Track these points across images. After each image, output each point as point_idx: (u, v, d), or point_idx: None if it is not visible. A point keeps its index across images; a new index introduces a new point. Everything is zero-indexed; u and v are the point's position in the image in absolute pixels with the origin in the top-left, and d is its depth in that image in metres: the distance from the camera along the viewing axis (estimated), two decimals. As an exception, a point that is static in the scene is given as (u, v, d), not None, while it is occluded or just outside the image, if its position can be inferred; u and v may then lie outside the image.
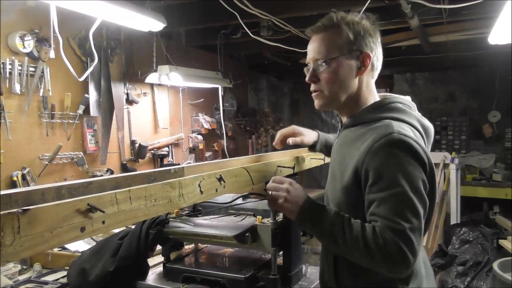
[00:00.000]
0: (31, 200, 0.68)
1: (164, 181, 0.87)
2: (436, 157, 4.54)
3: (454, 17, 2.98)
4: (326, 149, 1.65)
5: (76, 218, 0.63)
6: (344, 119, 1.30)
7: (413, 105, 1.28)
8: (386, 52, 1.28)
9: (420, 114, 1.27)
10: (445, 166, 4.62)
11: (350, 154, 1.16)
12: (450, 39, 3.58)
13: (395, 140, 1.08)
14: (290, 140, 1.63)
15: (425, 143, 1.18)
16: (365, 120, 1.20)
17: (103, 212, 0.67)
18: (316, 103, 1.28)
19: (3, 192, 0.65)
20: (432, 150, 1.48)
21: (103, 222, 0.68)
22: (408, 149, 1.07)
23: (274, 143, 1.69)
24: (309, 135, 1.65)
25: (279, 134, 1.65)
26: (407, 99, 1.29)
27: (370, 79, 1.25)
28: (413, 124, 1.17)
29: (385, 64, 1.29)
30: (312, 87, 1.26)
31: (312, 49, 1.24)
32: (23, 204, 0.65)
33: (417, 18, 2.90)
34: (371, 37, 1.22)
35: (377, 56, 1.24)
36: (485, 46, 3.28)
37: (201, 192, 0.97)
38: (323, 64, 1.20)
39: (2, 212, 0.54)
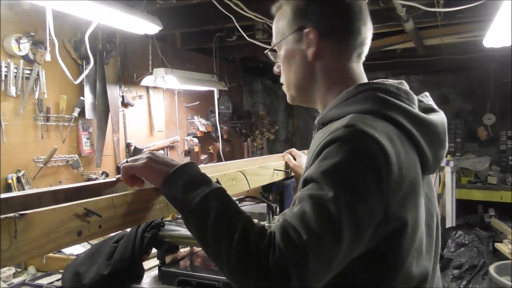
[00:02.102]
0: (28, 204, 0.68)
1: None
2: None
3: (449, 20, 3.01)
4: None
5: (73, 222, 0.63)
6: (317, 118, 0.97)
7: (405, 92, 0.87)
8: (381, 55, 1.24)
9: (428, 102, 0.95)
10: (440, 169, 4.64)
11: (309, 158, 0.85)
12: (444, 42, 3.61)
13: (346, 134, 0.74)
14: (284, 155, 1.63)
15: (418, 147, 0.82)
16: (332, 118, 0.86)
17: (100, 216, 0.67)
18: (287, 98, 1.03)
19: (4, 195, 0.65)
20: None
21: (100, 227, 0.68)
22: (362, 147, 0.72)
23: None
24: (302, 160, 1.52)
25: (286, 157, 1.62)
26: (397, 84, 0.88)
27: (335, 63, 0.91)
28: (395, 118, 0.80)
29: (379, 67, 1.21)
30: (280, 79, 1.02)
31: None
32: (20, 208, 0.65)
33: (412, 21, 2.93)
34: (316, 5, 0.90)
35: (343, 30, 0.90)
36: (480, 49, 3.31)
37: (198, 195, 0.97)
38: (271, 52, 0.99)
39: (-2, 217, 0.54)
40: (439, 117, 0.91)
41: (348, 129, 0.74)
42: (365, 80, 0.93)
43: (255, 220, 1.52)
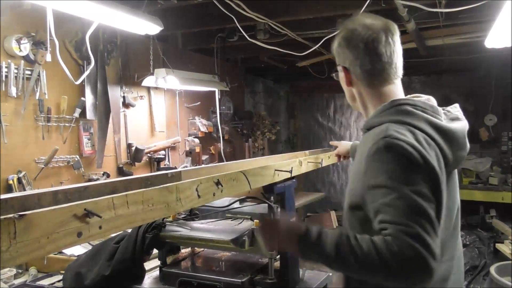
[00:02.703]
0: (27, 205, 0.67)
1: (162, 186, 0.86)
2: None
3: (451, 21, 3.00)
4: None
5: (72, 223, 0.63)
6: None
7: (431, 106, 1.16)
8: None
9: (444, 116, 1.18)
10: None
11: (358, 161, 1.16)
12: (446, 43, 3.60)
13: (386, 145, 1.03)
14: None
15: (440, 147, 1.08)
16: (372, 125, 1.17)
17: (100, 217, 0.66)
18: None
19: (4, 196, 0.64)
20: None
21: (100, 227, 0.67)
22: (400, 152, 1.01)
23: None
24: (342, 144, 2.08)
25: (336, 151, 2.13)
26: (424, 100, 1.18)
27: (365, 88, 1.21)
28: (419, 127, 1.09)
29: None
30: None
31: None
32: (19, 209, 0.65)
33: (413, 22, 2.92)
34: (354, 47, 1.18)
35: (365, 64, 1.18)
36: (481, 49, 3.29)
37: (199, 196, 0.97)
38: (338, 71, 1.29)
39: (-3, 218, 0.54)
40: (461, 125, 1.20)
41: (386, 139, 1.04)
42: (401, 96, 1.22)
43: (256, 221, 1.51)
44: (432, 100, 1.20)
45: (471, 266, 3.71)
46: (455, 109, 1.25)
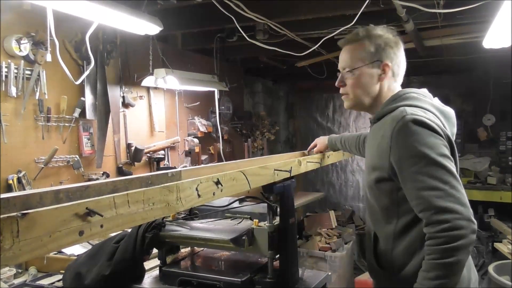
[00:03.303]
0: (29, 204, 0.68)
1: (162, 185, 0.87)
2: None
3: (449, 21, 3.01)
4: (342, 148, 2.10)
5: (74, 222, 0.64)
6: (372, 116, 1.51)
7: (429, 95, 1.45)
8: None
9: (439, 102, 1.45)
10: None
11: (376, 144, 1.36)
12: (444, 43, 3.61)
13: (410, 120, 1.24)
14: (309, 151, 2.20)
15: (442, 123, 1.34)
16: (386, 112, 1.39)
17: (102, 216, 0.67)
18: (344, 104, 1.52)
19: (1, 196, 0.65)
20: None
21: (102, 226, 0.68)
22: (423, 124, 1.23)
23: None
24: (320, 142, 2.16)
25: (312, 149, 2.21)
26: (423, 90, 1.46)
27: (392, 83, 1.45)
28: (427, 108, 1.34)
29: None
30: (341, 90, 1.51)
31: (341, 59, 1.49)
32: (21, 208, 0.65)
33: (412, 22, 2.93)
34: (391, 48, 1.42)
35: (397, 64, 1.45)
36: (480, 50, 3.31)
37: (199, 195, 0.98)
38: (348, 72, 1.45)
39: (1, 216, 0.54)
40: (450, 109, 1.48)
41: (408, 116, 1.26)
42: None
43: (256, 221, 1.52)
44: (427, 91, 1.48)
45: (470, 266, 3.72)
46: (437, 100, 1.49)
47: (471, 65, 5.18)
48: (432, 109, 1.36)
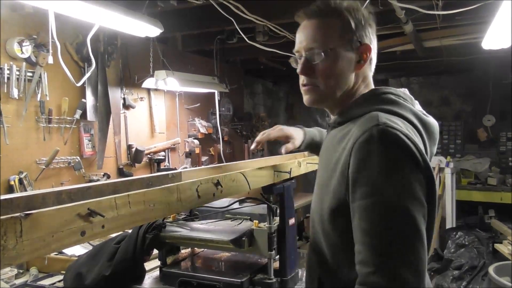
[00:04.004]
0: (32, 205, 0.69)
1: (163, 186, 0.88)
2: (431, 162, 4.57)
3: (448, 23, 3.02)
4: (311, 148, 1.53)
5: (76, 222, 0.65)
6: (333, 117, 1.14)
7: (410, 98, 1.08)
8: (381, 57, 1.25)
9: (421, 109, 1.09)
10: (440, 170, 4.65)
11: (336, 158, 0.98)
12: (444, 44, 3.63)
13: (379, 133, 0.88)
14: (283, 150, 1.43)
15: (424, 141, 0.99)
16: (353, 116, 1.02)
17: (103, 216, 0.68)
18: (307, 98, 1.09)
19: (5, 196, 0.66)
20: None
21: (103, 227, 0.69)
22: (397, 143, 0.87)
23: (255, 145, 1.45)
24: (298, 137, 1.45)
25: (265, 135, 1.42)
26: (403, 91, 1.09)
27: (368, 73, 1.10)
28: (406, 116, 0.98)
29: (380, 69, 1.24)
30: (303, 80, 1.07)
31: (306, 36, 1.05)
32: (24, 208, 0.66)
33: (411, 24, 2.94)
34: (370, 27, 1.08)
35: (375, 50, 1.10)
36: (479, 50, 3.32)
37: (199, 196, 0.99)
38: (321, 54, 1.02)
39: (4, 217, 0.56)
40: (434, 120, 1.10)
41: (380, 127, 0.90)
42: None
43: (256, 222, 1.53)
44: (407, 92, 1.11)
45: (470, 267, 3.73)
46: (418, 106, 1.11)
47: (470, 66, 5.20)
48: (413, 118, 1.00)
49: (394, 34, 3.42)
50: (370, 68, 1.10)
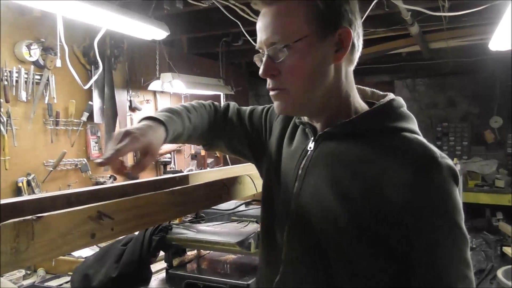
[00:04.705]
0: (42, 207, 0.70)
1: (170, 189, 0.89)
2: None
3: (455, 24, 3.01)
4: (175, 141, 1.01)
5: (86, 225, 0.66)
6: (319, 125, 0.88)
7: None
8: (386, 58, 1.21)
9: None
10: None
11: (358, 179, 0.77)
12: (450, 45, 3.61)
13: (445, 169, 0.75)
14: (135, 169, 0.83)
15: None
16: (367, 129, 0.82)
17: (113, 219, 0.69)
18: (277, 106, 0.87)
19: (15, 199, 0.67)
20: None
21: (112, 229, 0.70)
22: (456, 179, 0.77)
23: (102, 161, 0.76)
24: (158, 140, 0.90)
25: (119, 151, 0.78)
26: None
27: (349, 65, 0.85)
28: (420, 134, 0.84)
29: (385, 70, 1.16)
30: (270, 83, 0.85)
31: (265, 28, 0.81)
32: (34, 211, 0.67)
33: (417, 25, 2.93)
34: (348, 5, 0.81)
35: (357, 32, 0.83)
36: (485, 52, 3.31)
37: (206, 199, 1.00)
38: (284, 49, 0.79)
39: (17, 220, 0.57)
40: None
41: (446, 162, 0.76)
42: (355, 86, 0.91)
43: (255, 225, 1.50)
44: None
45: (478, 270, 3.70)
46: None
47: (477, 67, 5.17)
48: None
49: (399, 35, 3.41)
50: (351, 60, 0.85)
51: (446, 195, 0.74)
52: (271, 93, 0.87)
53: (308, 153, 0.87)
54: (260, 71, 0.84)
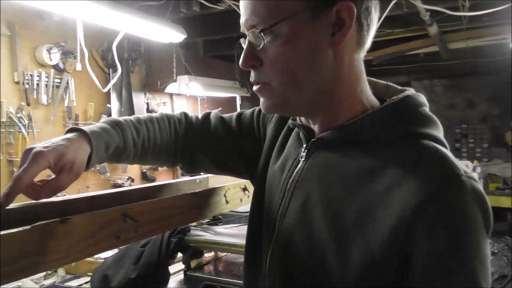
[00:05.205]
0: (67, 209, 0.71)
1: (191, 191, 0.89)
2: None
3: (474, 24, 2.95)
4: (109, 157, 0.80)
5: (111, 227, 0.66)
6: (316, 128, 0.71)
7: None
8: (404, 59, 1.14)
9: None
10: (466, 174, 4.54)
11: (355, 201, 0.60)
12: (469, 46, 3.55)
13: (470, 192, 0.55)
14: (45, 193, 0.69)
15: None
16: (372, 135, 0.63)
17: (136, 221, 0.69)
18: (262, 103, 0.71)
19: (41, 201, 0.68)
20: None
21: (136, 231, 0.70)
22: (484, 207, 0.56)
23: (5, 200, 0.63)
24: (77, 148, 0.72)
25: (27, 175, 0.67)
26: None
27: (356, 51, 0.66)
28: (445, 143, 0.64)
29: (402, 71, 1.06)
30: (253, 75, 0.69)
31: (245, 7, 0.65)
32: (59, 213, 0.68)
33: (436, 25, 2.89)
34: None
35: (366, 6, 0.63)
36: (506, 51, 3.24)
37: (227, 202, 1.00)
38: (261, 34, 0.63)
39: (45, 222, 0.57)
40: None
41: (467, 179, 0.55)
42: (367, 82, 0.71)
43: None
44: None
45: (500, 275, 3.62)
46: None
47: (497, 67, 5.06)
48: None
49: (417, 36, 3.37)
50: (361, 46, 0.66)
51: (465, 227, 0.53)
52: (254, 87, 0.70)
53: (299, 164, 0.70)
54: (240, 61, 0.67)
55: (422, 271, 0.54)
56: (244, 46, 0.66)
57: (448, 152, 0.60)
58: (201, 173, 1.00)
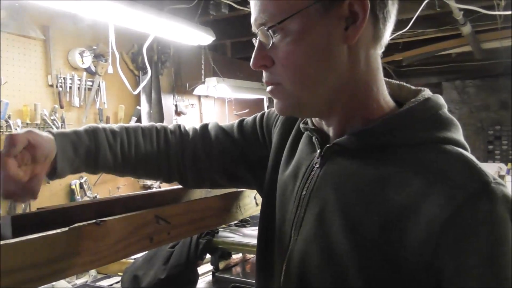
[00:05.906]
0: (100, 212, 0.72)
1: (222, 193, 0.89)
2: (491, 169, 4.32)
3: (509, 23, 2.85)
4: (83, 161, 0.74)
5: (145, 229, 0.67)
6: (331, 131, 0.67)
7: None
8: (435, 59, 1.09)
9: None
10: (500, 178, 4.39)
11: (376, 211, 0.57)
12: (504, 45, 3.43)
13: (500, 200, 0.52)
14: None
15: None
16: (393, 141, 0.60)
17: (169, 223, 0.70)
18: (275, 105, 0.67)
19: (76, 203, 0.69)
20: (485, 160, 1.19)
21: (169, 233, 0.71)
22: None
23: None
24: (45, 141, 0.67)
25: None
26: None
27: (372, 47, 0.62)
28: (467, 146, 0.62)
29: (433, 72, 1.01)
30: (264, 75, 0.66)
31: (254, 5, 0.63)
32: (92, 215, 0.69)
33: (469, 25, 2.81)
34: None
35: (384, 3, 0.60)
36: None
37: (256, 204, 0.99)
38: (274, 32, 0.60)
39: (82, 223, 0.58)
40: None
41: (497, 187, 0.53)
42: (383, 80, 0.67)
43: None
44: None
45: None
46: None
47: (533, 68, 4.89)
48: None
49: (450, 36, 3.28)
50: (378, 41, 0.62)
51: (497, 237, 0.51)
52: (267, 88, 0.67)
53: (313, 171, 0.66)
54: (251, 61, 0.65)
55: (454, 287, 0.51)
56: (256, 43, 0.63)
57: (472, 157, 0.57)
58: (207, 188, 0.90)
